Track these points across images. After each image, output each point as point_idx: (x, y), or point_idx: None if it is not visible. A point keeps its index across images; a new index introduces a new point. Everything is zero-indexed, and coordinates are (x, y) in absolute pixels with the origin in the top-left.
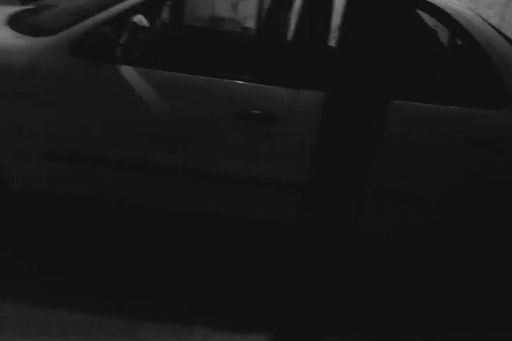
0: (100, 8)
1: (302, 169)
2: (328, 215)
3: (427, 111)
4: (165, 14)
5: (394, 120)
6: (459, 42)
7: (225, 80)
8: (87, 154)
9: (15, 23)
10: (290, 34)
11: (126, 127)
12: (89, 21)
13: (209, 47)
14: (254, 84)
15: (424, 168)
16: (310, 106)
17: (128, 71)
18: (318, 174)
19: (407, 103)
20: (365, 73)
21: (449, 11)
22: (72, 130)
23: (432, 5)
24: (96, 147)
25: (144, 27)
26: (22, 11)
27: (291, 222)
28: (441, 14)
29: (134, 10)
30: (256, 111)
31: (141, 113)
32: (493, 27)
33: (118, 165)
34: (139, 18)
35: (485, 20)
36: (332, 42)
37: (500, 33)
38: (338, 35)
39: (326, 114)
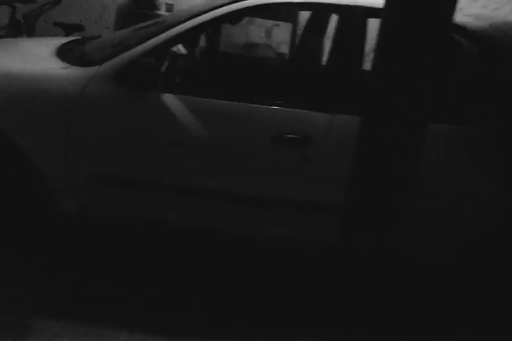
0: (142, 39)
1: (339, 191)
2: (366, 237)
3: (463, 134)
4: (202, 41)
5: (431, 143)
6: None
7: (262, 106)
8: (130, 178)
9: (63, 53)
10: (325, 59)
11: (168, 152)
12: (133, 52)
13: (245, 74)
14: (290, 109)
15: (460, 189)
16: (346, 129)
17: (169, 98)
18: (356, 196)
19: (445, 126)
20: (401, 96)
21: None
22: (116, 154)
23: (463, 28)
24: (137, 171)
25: (182, 55)
26: (69, 42)
27: (327, 243)
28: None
29: (174, 40)
30: (293, 135)
31: (183, 138)
32: None
33: (161, 189)
34: (178, 47)
35: None
36: (366, 65)
37: None
38: (374, 59)
39: (363, 137)
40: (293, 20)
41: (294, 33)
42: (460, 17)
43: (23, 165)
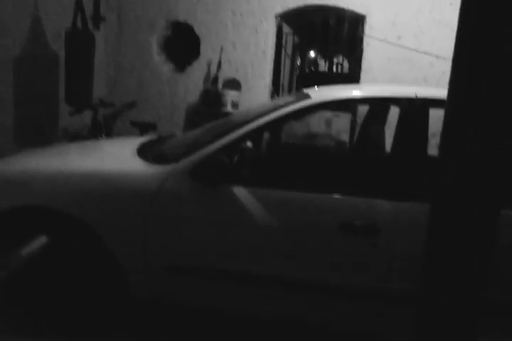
0: (214, 138)
1: (408, 279)
2: (443, 330)
3: None
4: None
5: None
6: None
7: (328, 195)
8: (204, 268)
9: (143, 152)
10: (387, 147)
11: (241, 243)
12: (206, 150)
13: (309, 163)
14: (356, 197)
15: None
16: (414, 217)
17: (240, 191)
18: (429, 286)
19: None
20: (470, 182)
21: None
22: (192, 246)
23: None
24: (213, 261)
25: (249, 148)
26: (148, 142)
27: (398, 333)
28: None
29: (244, 138)
30: (360, 223)
31: (255, 229)
32: None
33: (234, 279)
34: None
35: None
36: (430, 149)
37: None
38: (439, 148)
39: (433, 224)
40: (352, 110)
41: (353, 122)
42: None
43: (101, 253)
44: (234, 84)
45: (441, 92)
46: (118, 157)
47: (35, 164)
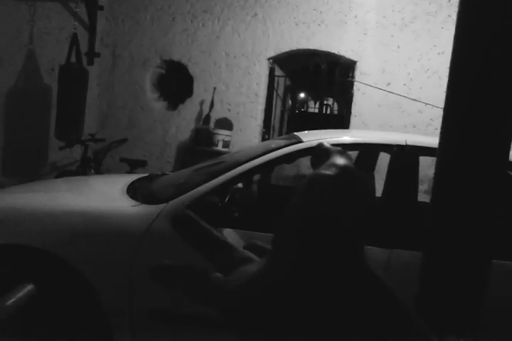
0: (205, 179)
1: None
2: None
3: None
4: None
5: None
6: None
7: None
8: (194, 315)
9: (132, 191)
10: (377, 193)
11: None
12: (196, 191)
13: None
14: None
15: None
16: (405, 264)
17: (229, 234)
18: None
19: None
20: (463, 229)
21: None
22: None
23: None
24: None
25: (239, 190)
26: (137, 180)
27: None
28: None
29: (234, 181)
30: None
31: None
32: None
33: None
34: None
35: None
36: (420, 195)
37: None
38: (431, 196)
39: (425, 271)
40: None
41: None
42: None
43: (86, 295)
44: (226, 124)
45: (432, 141)
46: (106, 195)
47: (21, 201)
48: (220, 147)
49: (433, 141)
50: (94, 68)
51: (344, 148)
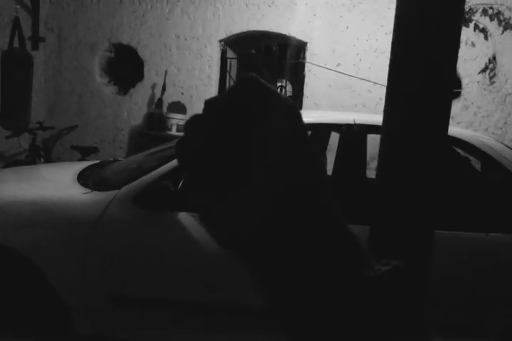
0: (158, 164)
1: None
2: None
3: (469, 240)
4: None
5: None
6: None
7: None
8: (147, 297)
9: (83, 178)
10: (329, 171)
11: (184, 269)
12: (150, 176)
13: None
14: None
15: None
16: None
17: (183, 217)
18: None
19: (449, 233)
20: (406, 205)
21: (477, 144)
22: (135, 274)
23: (461, 140)
24: (156, 290)
25: None
26: (88, 167)
27: None
28: (470, 148)
29: None
30: None
31: (198, 256)
32: None
33: (176, 308)
34: None
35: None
36: (370, 172)
37: None
38: (377, 173)
39: (372, 246)
40: None
41: None
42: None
43: (41, 285)
44: (179, 108)
45: (379, 119)
46: (56, 183)
47: None
48: (173, 131)
49: (380, 119)
50: (40, 53)
51: None
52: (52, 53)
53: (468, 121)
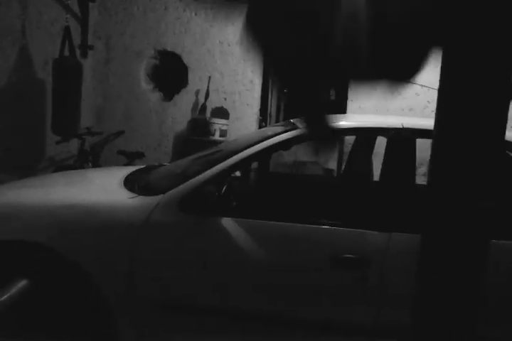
0: (203, 169)
1: (402, 313)
2: None
3: None
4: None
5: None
6: None
7: (317, 226)
8: (196, 305)
9: (130, 183)
10: (375, 176)
11: (230, 277)
12: (194, 181)
13: (298, 193)
14: (346, 228)
15: None
16: (404, 248)
17: (228, 222)
18: (422, 324)
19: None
20: (460, 213)
21: None
22: (181, 281)
23: None
24: (203, 298)
25: (238, 178)
26: (135, 172)
27: None
28: None
29: (232, 169)
30: (350, 255)
31: (244, 262)
32: None
33: (226, 316)
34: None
35: None
36: (418, 178)
37: None
38: (428, 177)
39: (424, 257)
40: (339, 138)
41: (341, 150)
42: None
43: (88, 290)
44: (222, 113)
45: (427, 123)
46: (103, 187)
47: (19, 196)
48: (217, 136)
49: (429, 123)
50: (88, 61)
51: (341, 133)
52: (100, 60)
53: None
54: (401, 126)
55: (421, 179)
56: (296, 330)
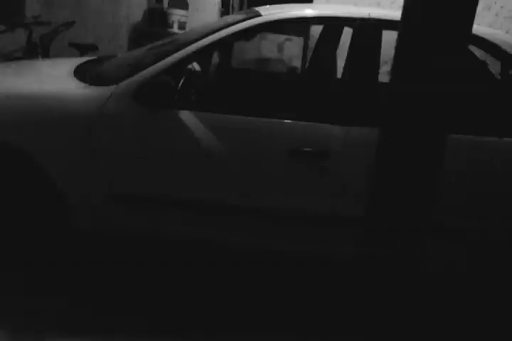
0: (159, 58)
1: (358, 204)
2: (387, 249)
3: (482, 145)
4: (215, 58)
5: (451, 154)
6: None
7: (277, 120)
8: (145, 195)
9: (81, 73)
10: (339, 71)
11: (183, 168)
12: (150, 70)
13: (259, 88)
14: (306, 122)
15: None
16: (363, 141)
17: (185, 115)
18: (376, 209)
19: (463, 136)
20: (419, 107)
21: (498, 42)
22: (134, 172)
23: (480, 38)
24: (154, 188)
25: (197, 72)
26: (86, 62)
27: (346, 257)
28: (490, 46)
29: (190, 58)
30: (309, 149)
31: (198, 154)
32: None
33: (175, 205)
34: (192, 64)
35: None
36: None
37: None
38: (391, 70)
39: (381, 148)
40: (304, 34)
41: (305, 47)
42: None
43: (41, 181)
44: (181, 3)
45: (395, 14)
46: (52, 78)
47: None
48: (175, 29)
49: (397, 14)
50: None
51: (306, 22)
52: None
53: (488, 22)
54: (368, 16)
55: (384, 78)
56: (250, 219)
